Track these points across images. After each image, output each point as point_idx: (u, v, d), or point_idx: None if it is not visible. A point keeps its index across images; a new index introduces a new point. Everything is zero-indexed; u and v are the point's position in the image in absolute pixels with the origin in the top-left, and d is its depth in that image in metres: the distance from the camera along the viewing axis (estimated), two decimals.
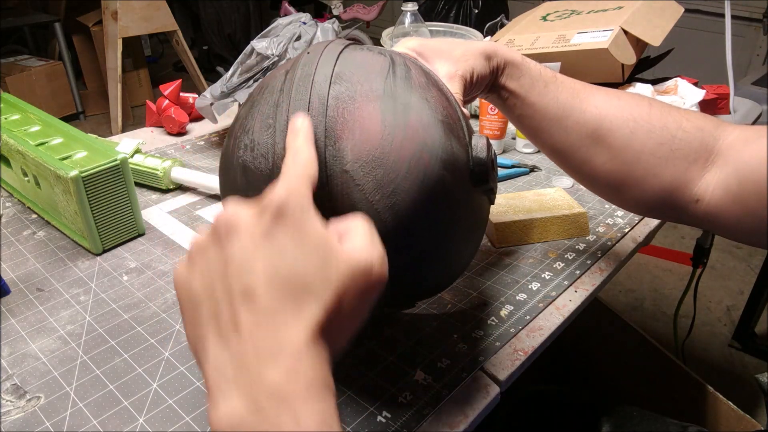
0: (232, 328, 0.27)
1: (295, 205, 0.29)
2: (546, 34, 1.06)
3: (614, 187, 0.52)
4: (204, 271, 0.29)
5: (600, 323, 1.08)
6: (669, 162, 0.49)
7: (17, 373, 0.49)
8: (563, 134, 0.53)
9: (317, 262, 0.28)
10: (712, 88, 1.04)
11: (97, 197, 0.62)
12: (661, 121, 0.50)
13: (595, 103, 0.52)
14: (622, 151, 0.50)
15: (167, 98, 0.97)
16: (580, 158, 0.53)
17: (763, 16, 2.24)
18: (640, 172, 0.50)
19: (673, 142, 0.48)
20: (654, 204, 0.51)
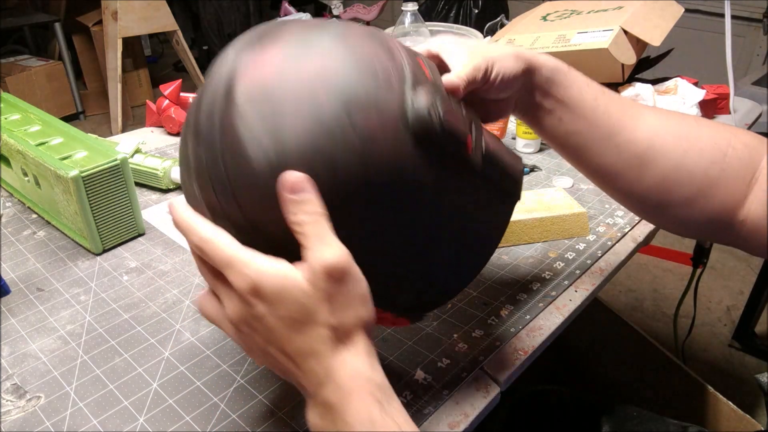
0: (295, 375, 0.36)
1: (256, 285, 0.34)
2: (546, 34, 1.06)
3: (662, 208, 0.49)
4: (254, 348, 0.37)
5: (600, 323, 1.08)
6: (720, 181, 0.47)
7: (17, 372, 0.49)
8: (613, 153, 0.49)
9: (297, 305, 0.34)
10: (712, 88, 1.04)
11: (97, 197, 0.62)
12: (712, 140, 0.48)
13: (646, 120, 0.50)
14: (674, 171, 0.48)
15: (167, 98, 0.97)
16: (629, 179, 0.50)
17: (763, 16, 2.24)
18: (692, 193, 0.47)
19: (724, 161, 0.47)
20: (703, 225, 0.49)
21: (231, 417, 0.45)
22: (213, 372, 0.49)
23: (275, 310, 0.34)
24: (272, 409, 0.46)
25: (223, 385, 0.48)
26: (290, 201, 0.33)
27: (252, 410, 0.46)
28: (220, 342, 0.52)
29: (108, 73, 2.80)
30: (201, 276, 0.61)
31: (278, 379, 0.48)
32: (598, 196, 0.78)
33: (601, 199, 0.78)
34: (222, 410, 0.46)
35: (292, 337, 0.35)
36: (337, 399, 0.34)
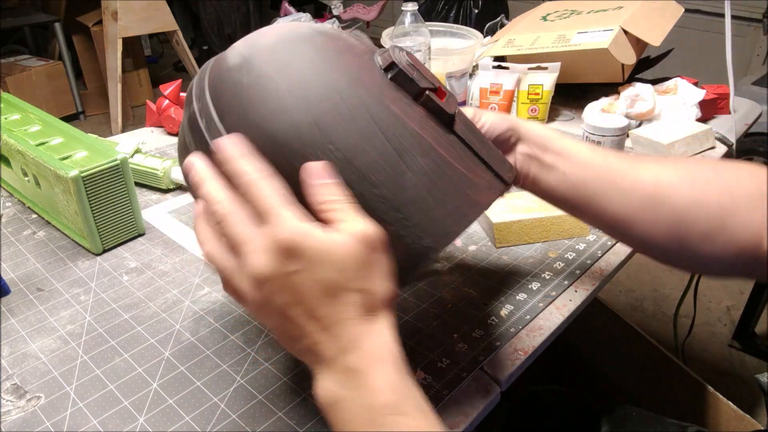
0: (314, 341, 0.36)
1: (296, 240, 0.34)
2: (546, 34, 1.06)
3: (683, 248, 0.48)
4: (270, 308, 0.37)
5: (600, 323, 1.08)
6: (735, 211, 0.46)
7: (17, 373, 0.49)
8: (623, 198, 0.49)
9: (336, 267, 0.35)
10: (712, 88, 1.04)
11: (97, 197, 0.62)
12: (715, 171, 0.48)
13: (645, 164, 0.50)
14: (687, 207, 0.47)
15: (167, 98, 0.97)
16: (644, 222, 0.49)
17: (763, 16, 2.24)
18: (709, 227, 0.46)
19: (734, 189, 0.46)
20: (728, 260, 0.47)
21: (231, 417, 0.45)
22: (213, 372, 0.49)
23: (313, 272, 0.34)
24: (272, 409, 0.46)
25: (223, 385, 0.48)
26: (317, 186, 0.36)
27: (252, 410, 0.46)
28: (220, 342, 0.52)
29: (108, 73, 2.80)
30: (201, 276, 0.61)
31: (278, 379, 0.48)
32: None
33: None
34: (222, 410, 0.46)
35: (325, 301, 0.35)
36: (364, 365, 0.35)
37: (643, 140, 0.90)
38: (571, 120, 1.05)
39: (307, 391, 0.47)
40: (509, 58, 1.05)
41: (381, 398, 0.34)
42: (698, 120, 0.97)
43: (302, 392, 0.47)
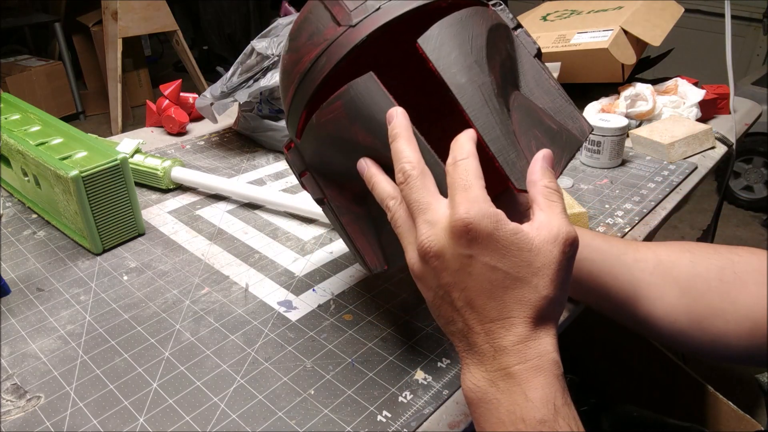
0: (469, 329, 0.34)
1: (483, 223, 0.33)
2: (546, 34, 1.06)
3: (696, 324, 0.47)
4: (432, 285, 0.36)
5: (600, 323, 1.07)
6: (738, 286, 0.45)
7: (17, 372, 0.49)
8: (628, 272, 0.49)
9: (519, 261, 0.33)
10: (712, 88, 1.04)
11: (97, 197, 0.62)
12: (712, 248, 0.48)
13: (644, 244, 0.51)
14: (691, 280, 0.47)
15: (167, 98, 0.97)
16: (651, 298, 0.48)
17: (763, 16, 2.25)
18: (716, 301, 0.46)
19: (733, 264, 0.46)
20: (746, 336, 0.46)
21: (231, 417, 0.45)
22: (213, 372, 0.49)
23: (492, 260, 0.33)
24: (272, 409, 0.46)
25: (223, 385, 0.48)
26: (549, 170, 0.36)
27: (252, 410, 0.46)
28: (220, 342, 0.52)
29: (108, 73, 2.80)
30: (201, 276, 0.61)
31: (278, 379, 0.48)
32: (598, 196, 0.78)
33: (601, 199, 0.78)
34: (222, 410, 0.46)
35: (495, 294, 0.33)
36: (521, 371, 0.32)
37: (643, 140, 0.90)
38: None
39: (307, 391, 0.47)
40: None
41: (535, 413, 0.32)
42: (698, 120, 0.97)
43: (302, 392, 0.47)
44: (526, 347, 0.33)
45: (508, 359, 0.33)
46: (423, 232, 0.34)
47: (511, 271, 0.33)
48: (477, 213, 0.33)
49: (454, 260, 0.33)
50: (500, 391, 0.33)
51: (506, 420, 0.32)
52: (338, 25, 0.42)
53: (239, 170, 0.86)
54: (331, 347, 0.52)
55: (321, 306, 0.57)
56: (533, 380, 0.32)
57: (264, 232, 0.70)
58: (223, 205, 0.76)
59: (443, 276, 0.34)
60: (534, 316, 0.33)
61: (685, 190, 0.81)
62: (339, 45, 0.42)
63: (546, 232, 0.33)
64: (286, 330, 0.54)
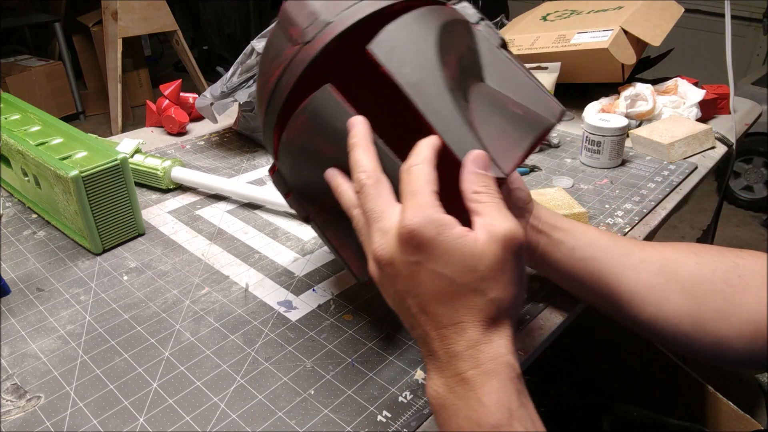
0: (426, 335, 0.35)
1: (426, 230, 0.33)
2: (546, 34, 1.06)
3: (699, 327, 0.47)
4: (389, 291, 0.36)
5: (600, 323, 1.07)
6: (742, 289, 0.45)
7: (17, 373, 0.49)
8: (633, 273, 0.49)
9: (463, 267, 0.33)
10: (712, 88, 1.04)
11: (97, 197, 0.62)
12: (718, 252, 0.48)
13: (651, 245, 0.50)
14: (696, 283, 0.47)
15: (167, 98, 0.97)
16: (656, 299, 0.48)
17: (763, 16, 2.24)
18: (720, 304, 0.46)
19: (738, 268, 0.46)
20: (747, 340, 0.46)
21: (231, 417, 0.45)
22: (213, 372, 0.49)
23: (436, 267, 0.33)
24: (272, 409, 0.46)
25: (223, 385, 0.48)
26: (477, 174, 0.36)
27: (252, 410, 0.46)
28: (220, 342, 0.52)
29: (108, 73, 2.80)
30: (201, 276, 0.61)
31: (278, 379, 0.48)
32: (598, 196, 0.78)
33: (601, 199, 0.78)
34: (222, 410, 0.46)
35: (443, 300, 0.33)
36: (475, 376, 0.32)
37: (643, 140, 0.90)
38: (571, 120, 1.05)
39: (307, 391, 0.47)
40: None
41: (489, 417, 0.32)
42: (698, 120, 0.97)
43: (302, 392, 0.47)
44: (478, 352, 0.33)
45: (462, 365, 0.33)
46: (376, 241, 0.35)
47: (456, 277, 0.33)
48: (422, 219, 0.33)
49: (404, 267, 0.34)
50: (458, 396, 0.33)
51: (464, 425, 0.33)
52: (294, 44, 0.44)
53: (239, 170, 0.86)
54: (331, 347, 0.52)
55: (321, 306, 0.57)
56: (487, 385, 0.32)
57: (264, 232, 0.70)
58: (223, 205, 0.76)
59: (397, 283, 0.35)
60: (484, 319, 0.33)
61: (685, 190, 0.81)
62: (296, 63, 0.43)
63: (487, 234, 0.33)
64: (286, 330, 0.54)
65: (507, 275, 0.34)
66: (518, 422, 0.32)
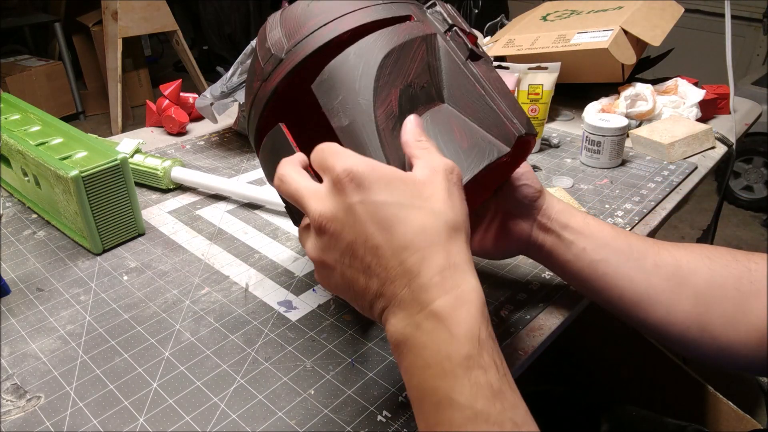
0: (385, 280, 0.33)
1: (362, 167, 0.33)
2: (546, 34, 1.06)
3: (708, 333, 0.47)
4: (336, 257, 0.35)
5: (600, 323, 1.07)
6: (753, 295, 0.45)
7: (17, 372, 0.49)
8: (644, 278, 0.48)
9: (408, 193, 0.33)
10: (712, 88, 1.04)
11: (97, 197, 0.62)
12: (732, 256, 0.48)
13: (666, 247, 0.50)
14: (707, 289, 0.47)
15: (167, 98, 0.97)
16: (666, 304, 0.48)
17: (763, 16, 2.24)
18: (730, 310, 0.46)
19: (750, 274, 0.46)
20: (753, 347, 0.45)
21: (231, 417, 0.45)
22: (213, 372, 0.49)
23: (381, 197, 0.32)
24: (272, 409, 0.46)
25: (223, 385, 0.48)
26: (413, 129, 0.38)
27: (252, 410, 0.46)
28: (220, 342, 0.52)
29: (108, 73, 2.80)
30: (201, 276, 0.61)
31: (278, 379, 0.48)
32: (598, 196, 0.78)
33: (601, 199, 0.78)
34: (222, 410, 0.46)
35: (394, 227, 0.32)
36: (444, 307, 0.31)
37: (643, 140, 0.90)
38: (571, 120, 1.05)
39: (307, 391, 0.47)
40: (509, 58, 1.05)
41: (460, 348, 0.31)
42: (698, 120, 0.97)
43: (302, 392, 0.47)
44: (443, 278, 0.32)
45: (428, 295, 0.32)
46: (311, 209, 0.34)
47: (403, 201, 0.33)
48: (353, 161, 0.33)
49: (348, 213, 0.33)
50: (425, 332, 0.32)
51: (432, 362, 0.31)
52: (257, 79, 0.46)
53: (239, 170, 0.86)
54: (331, 347, 0.52)
55: (321, 306, 0.57)
56: (456, 315, 0.31)
57: (264, 232, 0.70)
58: (223, 205, 0.76)
59: (343, 237, 0.33)
60: (442, 241, 0.33)
61: (685, 190, 0.81)
62: (259, 99, 0.46)
63: (427, 169, 0.34)
64: (286, 330, 0.54)
65: (453, 200, 0.34)
66: (487, 354, 0.31)
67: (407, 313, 0.32)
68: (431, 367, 0.31)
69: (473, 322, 0.31)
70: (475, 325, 0.31)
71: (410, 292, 0.32)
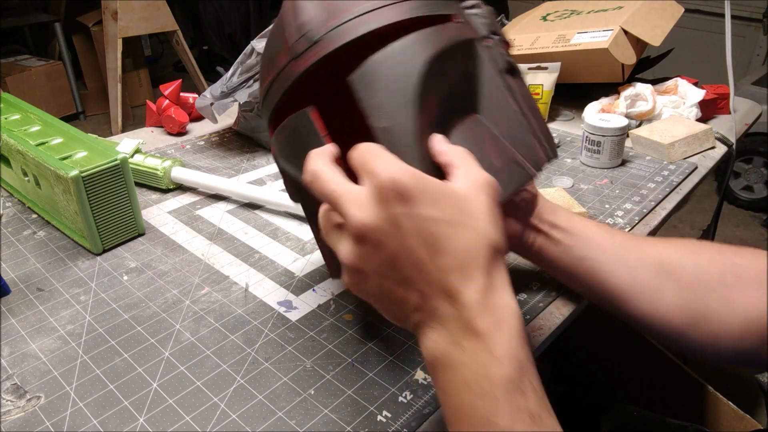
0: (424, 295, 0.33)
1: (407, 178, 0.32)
2: (546, 34, 1.06)
3: (691, 325, 0.48)
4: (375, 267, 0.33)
5: (600, 323, 1.07)
6: (739, 290, 0.46)
7: (17, 373, 0.49)
8: (627, 272, 0.49)
9: (454, 209, 0.32)
10: (712, 88, 1.04)
11: (97, 197, 0.62)
12: (718, 250, 0.48)
13: (650, 242, 0.51)
14: (692, 282, 0.47)
15: (167, 98, 0.97)
16: (649, 298, 0.49)
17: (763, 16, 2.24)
18: (714, 304, 0.46)
19: (735, 268, 0.46)
20: (737, 339, 0.46)
21: (231, 417, 0.45)
22: (213, 372, 0.49)
23: (427, 212, 0.31)
24: (272, 409, 0.46)
25: (223, 385, 0.48)
26: (439, 141, 0.37)
27: (252, 410, 0.46)
28: (220, 342, 0.52)
29: (108, 73, 2.80)
30: (201, 276, 0.61)
31: (278, 379, 0.48)
32: (598, 196, 0.78)
33: (601, 199, 0.78)
34: (222, 410, 0.46)
35: (440, 245, 0.31)
36: (485, 327, 0.31)
37: (643, 140, 0.90)
38: (571, 120, 1.05)
39: (307, 391, 0.47)
40: None
41: (500, 369, 0.30)
42: (698, 120, 0.97)
43: (302, 392, 0.47)
44: (485, 299, 0.31)
45: (469, 314, 0.31)
46: (351, 214, 0.32)
47: (449, 218, 0.32)
48: (399, 170, 0.32)
49: (391, 225, 0.31)
50: (464, 350, 0.31)
51: (470, 378, 0.31)
52: (285, 53, 0.43)
53: (239, 170, 0.86)
54: (331, 347, 0.52)
55: (321, 306, 0.57)
56: (496, 335, 0.31)
57: (264, 232, 0.70)
58: (223, 205, 0.76)
59: (385, 248, 0.32)
60: (486, 262, 0.32)
61: (685, 190, 0.81)
62: (284, 76, 0.43)
63: (470, 181, 0.34)
64: (286, 330, 0.54)
65: (496, 219, 0.33)
66: (526, 377, 0.31)
67: (447, 331, 0.32)
68: (470, 386, 0.31)
69: (514, 344, 0.31)
70: (515, 347, 0.31)
71: (452, 311, 0.32)
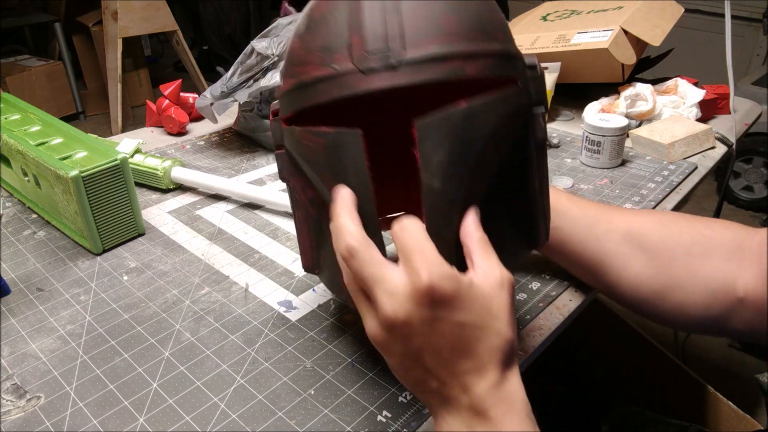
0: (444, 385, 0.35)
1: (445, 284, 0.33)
2: (546, 34, 1.06)
3: (658, 294, 0.49)
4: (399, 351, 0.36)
5: (600, 323, 1.08)
6: (705, 260, 0.47)
7: (17, 372, 0.49)
8: (596, 242, 0.51)
9: (481, 311, 0.34)
10: (712, 88, 1.04)
11: (97, 197, 0.62)
12: (687, 223, 0.49)
13: (619, 212, 0.52)
14: (659, 252, 0.49)
15: (167, 98, 0.97)
16: (617, 266, 0.51)
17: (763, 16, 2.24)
18: (681, 274, 0.48)
19: (705, 240, 0.47)
20: (702, 308, 0.48)
21: (231, 417, 0.45)
22: (213, 372, 0.49)
23: (459, 315, 0.34)
24: (272, 409, 0.46)
25: (223, 385, 0.48)
26: (473, 221, 0.37)
27: (252, 410, 0.46)
28: (220, 342, 0.52)
29: (108, 73, 2.80)
30: (201, 276, 0.61)
31: (278, 379, 0.48)
32: (598, 196, 0.78)
33: (601, 199, 0.78)
34: (222, 410, 0.46)
35: (466, 348, 0.34)
36: (496, 412, 0.34)
37: (643, 140, 0.90)
38: (571, 120, 1.05)
39: (307, 391, 0.47)
40: None
41: None
42: (698, 120, 0.97)
43: (302, 392, 0.47)
44: (498, 391, 0.35)
45: (482, 404, 0.34)
46: (385, 303, 0.34)
47: (477, 322, 0.34)
48: (438, 275, 0.33)
49: (423, 325, 0.34)
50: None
51: None
52: (351, 62, 0.38)
53: (239, 170, 0.86)
54: (331, 347, 0.52)
55: (321, 306, 0.57)
56: (507, 419, 0.34)
57: (264, 232, 0.70)
58: (223, 205, 0.76)
59: (412, 342, 0.35)
60: (502, 359, 0.35)
61: (685, 190, 0.81)
62: (343, 84, 0.38)
63: (492, 278, 0.35)
64: (286, 330, 0.54)
65: (512, 317, 0.36)
66: None
67: (462, 416, 0.35)
68: None
69: (523, 425, 0.35)
70: (524, 427, 0.35)
71: (467, 399, 0.35)
